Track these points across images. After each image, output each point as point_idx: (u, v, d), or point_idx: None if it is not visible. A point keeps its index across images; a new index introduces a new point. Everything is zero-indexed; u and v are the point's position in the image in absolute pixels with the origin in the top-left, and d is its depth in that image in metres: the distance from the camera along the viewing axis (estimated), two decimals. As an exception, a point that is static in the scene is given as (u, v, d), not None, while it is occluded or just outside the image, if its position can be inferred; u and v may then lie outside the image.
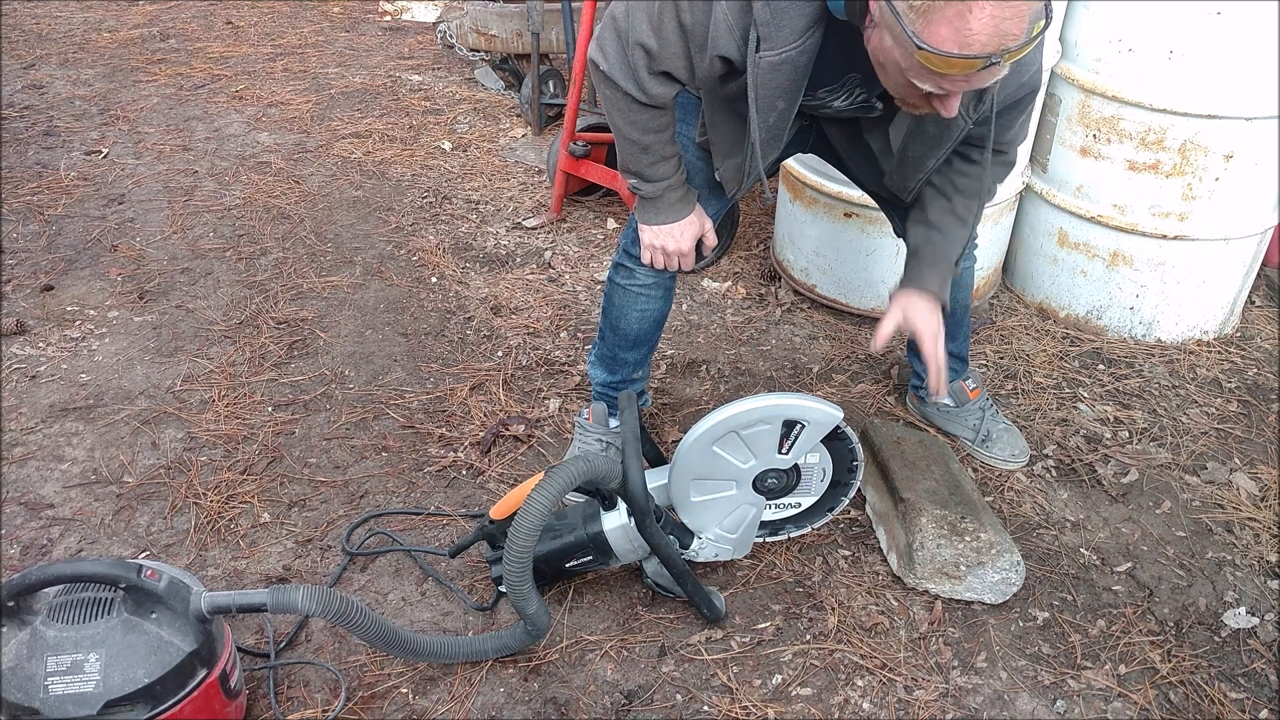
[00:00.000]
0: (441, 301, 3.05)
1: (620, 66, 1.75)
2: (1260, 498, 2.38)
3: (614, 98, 1.80)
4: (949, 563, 2.06)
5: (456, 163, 3.94)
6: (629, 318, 2.23)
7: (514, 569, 1.72)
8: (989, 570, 2.05)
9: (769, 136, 1.81)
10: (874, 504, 2.27)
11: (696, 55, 1.69)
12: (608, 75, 1.77)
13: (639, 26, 1.69)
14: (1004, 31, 1.36)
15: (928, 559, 2.06)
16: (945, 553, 2.06)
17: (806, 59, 1.66)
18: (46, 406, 2.54)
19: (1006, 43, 1.37)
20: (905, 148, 1.86)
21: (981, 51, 1.37)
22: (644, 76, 1.74)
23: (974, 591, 2.07)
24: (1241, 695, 1.92)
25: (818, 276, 3.02)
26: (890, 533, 2.17)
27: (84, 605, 1.53)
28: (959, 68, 1.39)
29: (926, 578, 2.07)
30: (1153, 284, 2.88)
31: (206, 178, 3.73)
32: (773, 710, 1.85)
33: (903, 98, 1.59)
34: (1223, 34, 2.50)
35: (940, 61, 1.39)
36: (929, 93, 1.50)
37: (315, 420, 2.54)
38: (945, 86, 1.47)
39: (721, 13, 1.62)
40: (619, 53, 1.74)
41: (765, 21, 1.59)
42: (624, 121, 1.83)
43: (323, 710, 1.82)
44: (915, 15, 1.37)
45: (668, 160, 1.90)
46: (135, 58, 4.83)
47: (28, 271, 3.10)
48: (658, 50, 1.70)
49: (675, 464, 1.94)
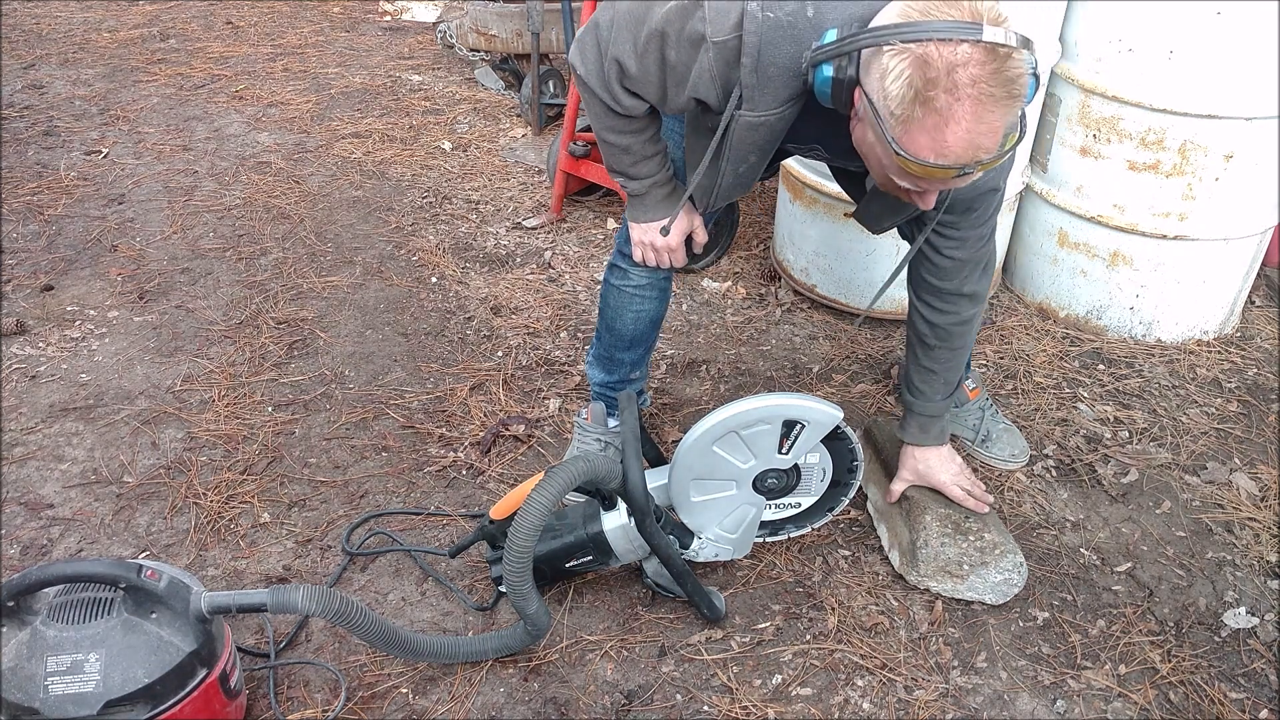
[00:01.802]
0: (441, 301, 3.05)
1: (596, 74, 1.76)
2: (1260, 498, 2.38)
3: (591, 102, 1.83)
4: (952, 561, 2.06)
5: (456, 163, 3.94)
6: (624, 318, 2.23)
7: (514, 569, 1.72)
8: (991, 570, 2.05)
9: (736, 182, 1.85)
10: (875, 502, 2.27)
11: (673, 90, 1.71)
12: (584, 80, 1.79)
13: (621, 44, 1.70)
14: (977, 145, 1.41)
15: (931, 557, 2.06)
16: (949, 551, 2.06)
17: (784, 125, 1.70)
18: (46, 406, 2.54)
19: (979, 155, 1.43)
20: (870, 202, 1.90)
21: (955, 162, 1.42)
22: (616, 89, 1.76)
23: (975, 591, 2.07)
24: (1241, 695, 1.92)
25: (818, 276, 3.02)
26: (892, 530, 2.17)
27: (84, 605, 1.53)
28: (935, 174, 1.46)
29: (929, 576, 2.07)
30: (1153, 284, 2.88)
31: (206, 178, 3.73)
32: (773, 710, 1.85)
33: (884, 186, 1.64)
34: (1223, 34, 2.50)
35: (916, 168, 1.45)
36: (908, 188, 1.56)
37: (315, 420, 2.54)
38: (922, 185, 1.53)
39: (708, 62, 1.62)
40: (596, 61, 1.75)
41: (751, 85, 1.61)
42: (600, 125, 1.86)
43: (323, 710, 1.82)
44: (895, 123, 1.43)
45: (650, 159, 1.91)
46: (135, 58, 4.83)
47: (28, 271, 3.10)
48: (635, 73, 1.71)
49: (675, 464, 1.94)
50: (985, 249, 1.96)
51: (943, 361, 2.07)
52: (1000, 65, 1.37)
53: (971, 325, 2.05)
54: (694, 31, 1.61)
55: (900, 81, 1.39)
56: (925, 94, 1.37)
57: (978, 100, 1.37)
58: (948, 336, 2.04)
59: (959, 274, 1.96)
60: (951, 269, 1.95)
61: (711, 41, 1.60)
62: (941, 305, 2.00)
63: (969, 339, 2.08)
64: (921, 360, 2.09)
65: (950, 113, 1.38)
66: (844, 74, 1.49)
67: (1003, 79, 1.37)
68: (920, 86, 1.37)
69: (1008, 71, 1.37)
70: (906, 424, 2.15)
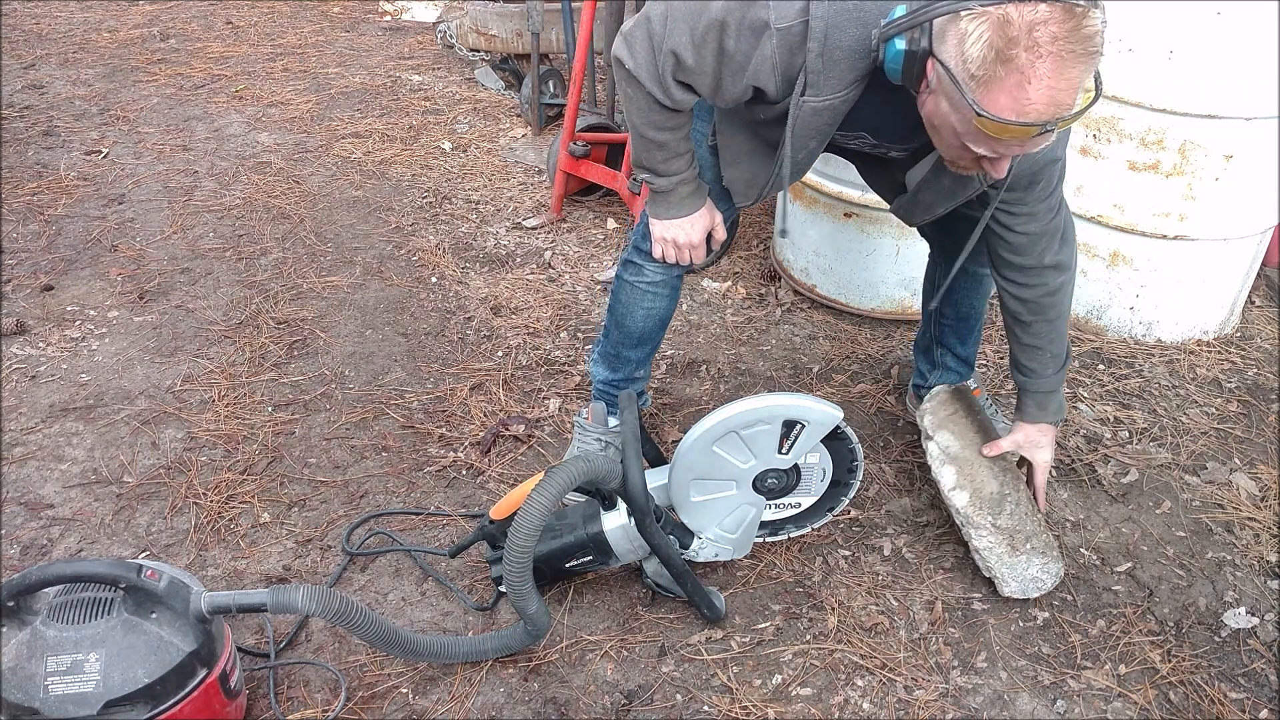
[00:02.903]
0: (441, 301, 3.05)
1: (647, 67, 1.76)
2: (1260, 498, 2.38)
3: (635, 96, 1.82)
4: (1025, 532, 2.05)
5: (456, 163, 3.94)
6: (635, 315, 2.24)
7: (514, 569, 1.72)
8: (1035, 561, 2.05)
9: (796, 169, 1.86)
10: (948, 446, 2.18)
11: (730, 80, 1.71)
12: (632, 74, 1.78)
13: (678, 36, 1.70)
14: (1059, 101, 1.43)
15: (1018, 515, 2.06)
16: (1030, 524, 2.06)
17: (845, 108, 1.71)
18: (46, 406, 2.54)
19: (1060, 111, 1.44)
20: (919, 192, 1.92)
21: (1038, 119, 1.43)
22: (670, 82, 1.76)
23: (1008, 569, 2.05)
24: (1241, 695, 1.92)
25: (818, 276, 3.02)
26: (970, 475, 2.12)
27: (84, 605, 1.53)
28: (1015, 134, 1.46)
29: (1000, 529, 2.05)
30: (1153, 284, 2.88)
31: (206, 178, 3.73)
32: (773, 710, 1.85)
33: (954, 160, 1.64)
34: (1223, 34, 2.50)
35: (997, 128, 1.45)
36: (980, 155, 1.56)
37: (315, 420, 2.54)
38: (999, 150, 1.53)
39: (770, 49, 1.63)
40: (648, 54, 1.75)
41: (816, 70, 1.62)
42: (641, 120, 1.85)
43: (323, 710, 1.82)
44: (975, 84, 1.44)
45: (681, 156, 1.92)
46: (135, 58, 4.83)
47: (28, 271, 3.10)
48: (691, 64, 1.71)
49: (675, 464, 1.94)
50: (1058, 219, 1.95)
51: (1043, 335, 2.05)
52: (1078, 23, 1.39)
53: (1062, 294, 2.02)
54: (756, 19, 1.62)
55: (980, 43, 1.40)
56: (1006, 53, 1.39)
57: (1059, 57, 1.39)
58: (1040, 309, 2.02)
59: (1036, 248, 1.94)
60: (1028, 244, 1.94)
61: (775, 28, 1.60)
62: (1027, 280, 1.98)
63: (1064, 307, 2.05)
64: (1023, 339, 2.07)
65: (1032, 70, 1.39)
66: (917, 45, 1.49)
67: (1081, 36, 1.39)
68: (1001, 46, 1.39)
69: (1085, 29, 1.39)
70: (1024, 404, 2.13)
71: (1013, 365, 2.12)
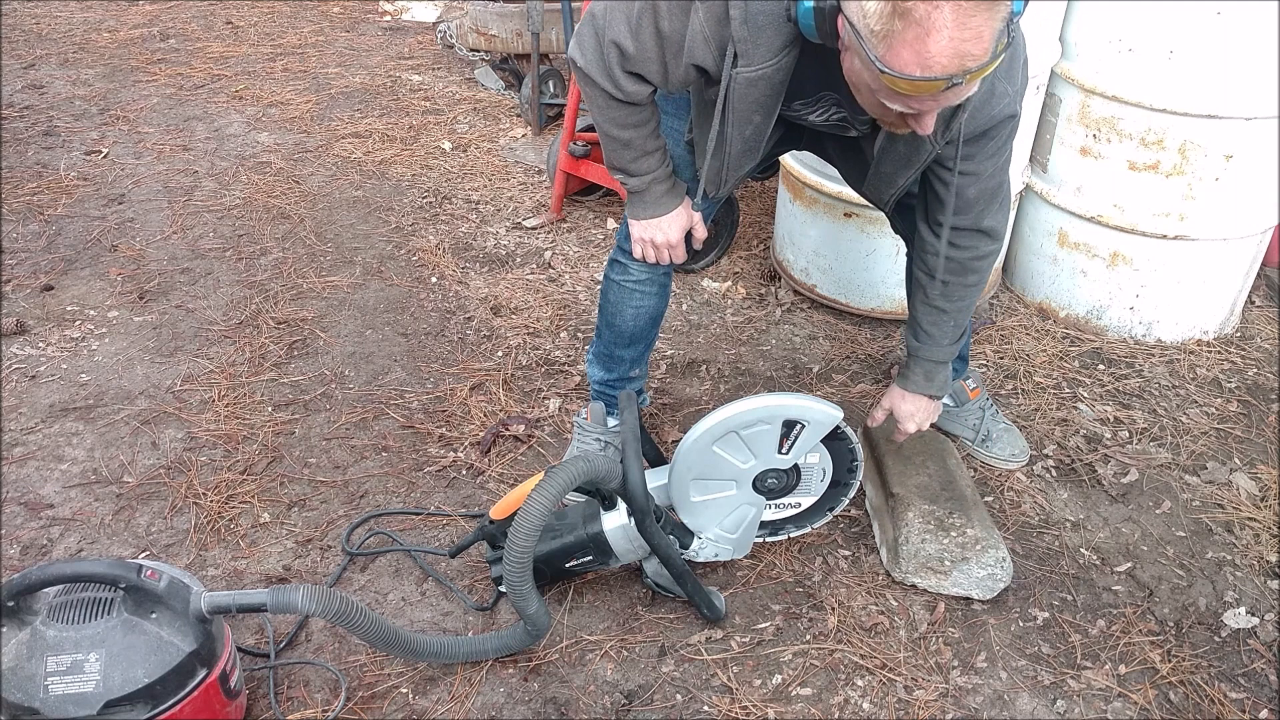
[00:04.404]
0: (441, 301, 3.05)
1: (596, 63, 1.77)
2: (1260, 498, 2.38)
3: (593, 95, 1.83)
4: (933, 557, 2.06)
5: (456, 163, 3.94)
6: (624, 314, 2.24)
7: (514, 569, 1.72)
8: (974, 566, 2.05)
9: (744, 148, 1.84)
10: (871, 499, 2.28)
11: (672, 62, 1.71)
12: (584, 71, 1.79)
13: (616, 26, 1.71)
14: (964, 52, 1.38)
15: (912, 553, 2.07)
16: (930, 547, 2.06)
17: (782, 76, 1.69)
18: (46, 406, 2.54)
19: (967, 63, 1.39)
20: (879, 162, 1.89)
21: (943, 73, 1.39)
22: (618, 74, 1.76)
23: (960, 587, 2.07)
24: (1241, 695, 1.92)
25: (818, 276, 3.02)
26: (882, 527, 2.19)
27: (84, 605, 1.53)
28: (923, 89, 1.42)
29: (912, 572, 2.08)
30: (1153, 284, 2.88)
31: (206, 178, 3.73)
32: (773, 710, 1.85)
33: (880, 117, 1.62)
34: (1223, 34, 2.50)
35: (904, 84, 1.41)
36: (902, 112, 1.52)
37: (315, 420, 2.54)
38: (914, 106, 1.50)
39: (699, 23, 1.63)
40: (595, 49, 1.76)
41: (742, 39, 1.61)
42: (604, 119, 1.86)
43: (323, 710, 1.82)
44: (876, 40, 1.40)
45: (651, 155, 1.91)
46: (135, 58, 4.83)
47: (28, 271, 3.10)
48: (633, 52, 1.72)
49: (675, 464, 1.94)
50: (1000, 179, 1.90)
51: (954, 298, 2.01)
52: None
53: (986, 262, 1.99)
54: None
55: None
56: (903, 5, 1.35)
57: (958, 6, 1.34)
58: (962, 272, 1.98)
59: (975, 207, 1.89)
60: (968, 203, 1.88)
61: (700, 2, 1.61)
62: (958, 240, 1.93)
63: (983, 276, 2.01)
64: (932, 298, 2.02)
65: (930, 21, 1.35)
66: (824, 3, 1.48)
67: None
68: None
69: None
70: (910, 373, 2.10)
71: (909, 330, 2.09)
